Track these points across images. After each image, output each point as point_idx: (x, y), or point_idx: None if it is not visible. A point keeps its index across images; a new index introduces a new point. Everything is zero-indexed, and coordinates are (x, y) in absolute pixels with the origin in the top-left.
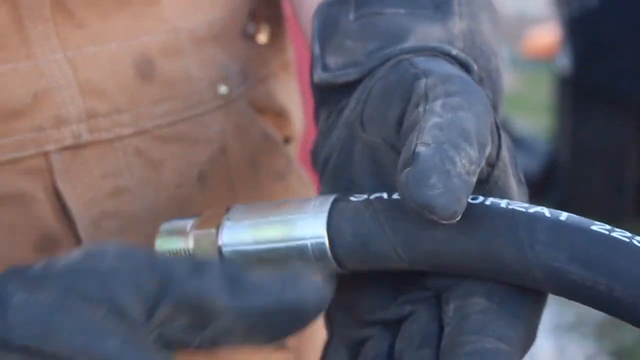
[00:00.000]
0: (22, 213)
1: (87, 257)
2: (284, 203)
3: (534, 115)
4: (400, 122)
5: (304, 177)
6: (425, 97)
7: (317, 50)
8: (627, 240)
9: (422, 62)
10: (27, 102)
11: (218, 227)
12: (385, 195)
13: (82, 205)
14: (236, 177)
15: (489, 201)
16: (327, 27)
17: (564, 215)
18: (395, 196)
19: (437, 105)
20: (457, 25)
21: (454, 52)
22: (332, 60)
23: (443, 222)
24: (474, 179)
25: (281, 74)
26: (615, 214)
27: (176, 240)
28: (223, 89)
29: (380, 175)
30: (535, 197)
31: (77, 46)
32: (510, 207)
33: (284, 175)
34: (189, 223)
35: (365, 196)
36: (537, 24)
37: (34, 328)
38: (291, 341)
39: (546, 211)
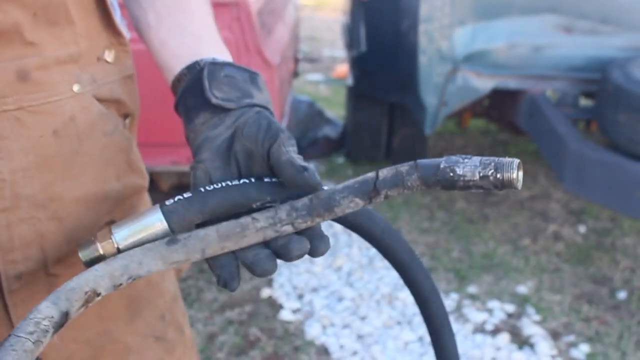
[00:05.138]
0: None
1: None
2: (137, 215)
3: (336, 109)
4: (269, 148)
5: (125, 135)
6: (284, 144)
7: (206, 84)
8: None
9: (272, 117)
10: None
11: (111, 237)
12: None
13: None
14: (82, 133)
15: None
16: (210, 76)
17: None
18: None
19: (292, 150)
20: (265, 94)
21: (271, 109)
22: (216, 93)
23: (315, 191)
24: None
25: (122, 81)
26: (374, 160)
27: (92, 251)
28: (76, 88)
29: (248, 159)
30: (335, 150)
31: None
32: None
33: (111, 133)
34: (93, 240)
35: (172, 200)
36: (340, 62)
37: None
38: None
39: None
